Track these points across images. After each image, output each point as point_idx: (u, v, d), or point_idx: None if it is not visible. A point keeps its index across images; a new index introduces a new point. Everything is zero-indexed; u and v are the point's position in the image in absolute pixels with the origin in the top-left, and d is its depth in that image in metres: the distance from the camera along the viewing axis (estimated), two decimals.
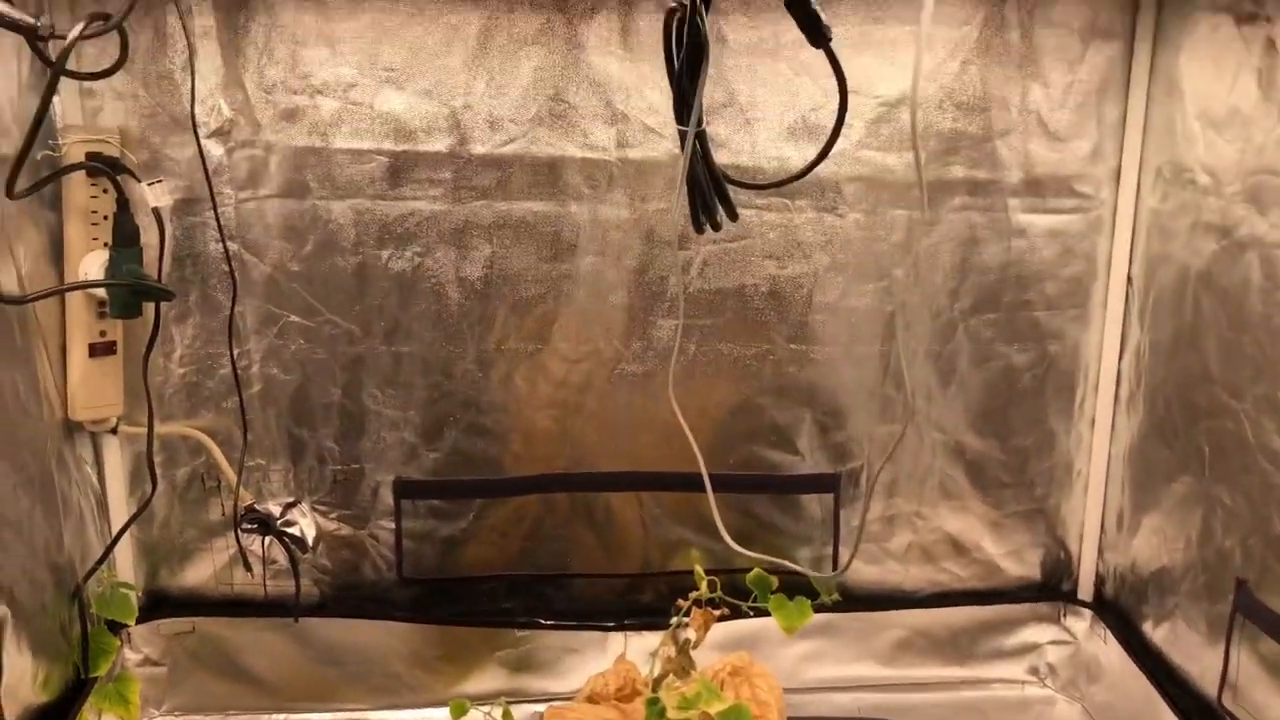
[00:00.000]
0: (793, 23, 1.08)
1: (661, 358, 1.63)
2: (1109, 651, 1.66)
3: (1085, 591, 1.75)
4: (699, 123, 1.06)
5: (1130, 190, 1.59)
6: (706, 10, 1.03)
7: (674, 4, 1.06)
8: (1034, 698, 1.76)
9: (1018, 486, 1.72)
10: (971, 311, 1.63)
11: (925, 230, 1.59)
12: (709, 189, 1.08)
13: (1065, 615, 1.75)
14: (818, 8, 1.04)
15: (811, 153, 1.54)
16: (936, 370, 1.66)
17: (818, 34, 1.05)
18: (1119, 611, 1.67)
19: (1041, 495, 1.72)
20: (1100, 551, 1.73)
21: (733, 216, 1.12)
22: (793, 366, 1.65)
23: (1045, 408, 1.68)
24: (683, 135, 1.07)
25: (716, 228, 1.11)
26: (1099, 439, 1.69)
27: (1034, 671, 1.77)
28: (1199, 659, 1.45)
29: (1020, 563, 1.75)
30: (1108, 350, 1.65)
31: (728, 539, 1.39)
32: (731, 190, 1.48)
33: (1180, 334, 1.48)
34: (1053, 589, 1.77)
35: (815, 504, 1.71)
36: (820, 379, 1.66)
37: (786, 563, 1.47)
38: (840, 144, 1.53)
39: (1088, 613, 1.73)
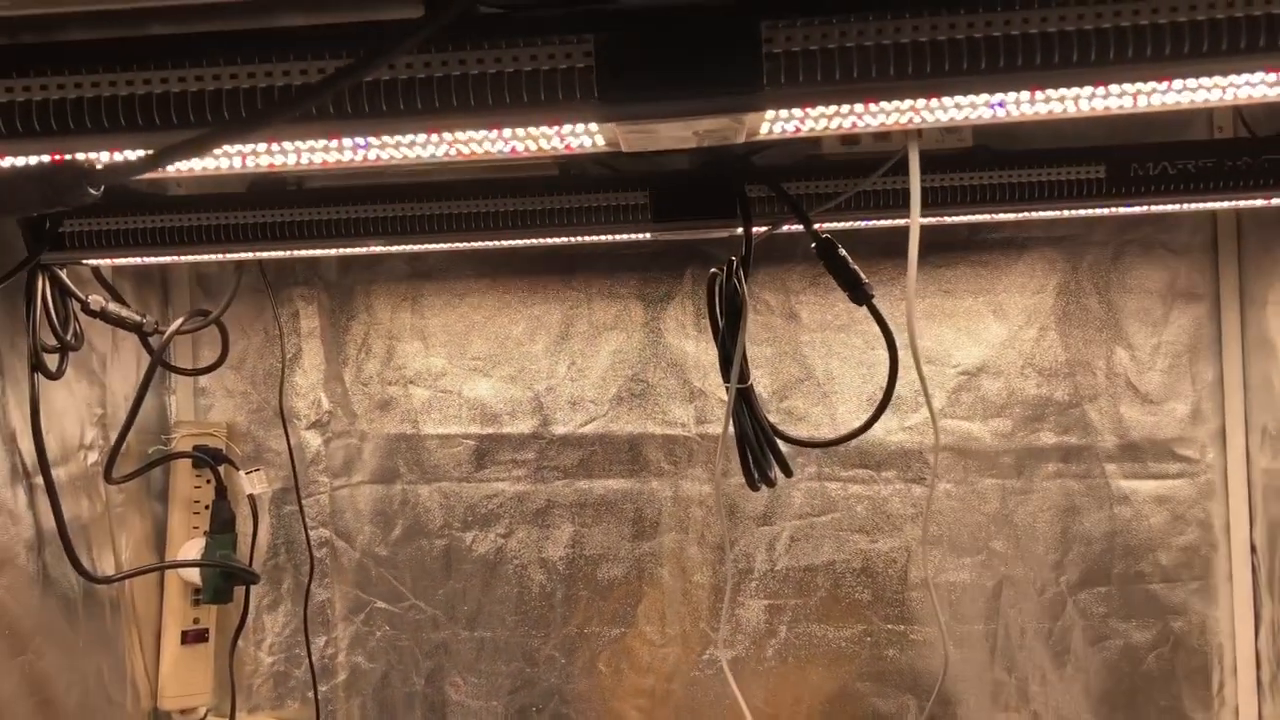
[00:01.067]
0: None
1: (753, 641, 1.57)
2: None
3: None
4: (742, 379, 1.07)
5: (1239, 451, 1.50)
6: (745, 273, 1.07)
7: (715, 269, 1.10)
8: None
9: None
10: (1080, 585, 1.53)
11: (1019, 499, 1.52)
12: (759, 444, 1.07)
13: None
14: (857, 268, 1.07)
15: (893, 423, 1.55)
16: (1049, 650, 1.54)
17: (859, 292, 1.06)
18: None
19: None
20: None
21: (787, 472, 1.10)
22: (892, 649, 1.56)
23: (1178, 693, 1.52)
24: (729, 391, 1.07)
25: (771, 484, 1.09)
26: None
27: None
28: None
29: None
30: (1241, 627, 1.51)
31: None
32: (809, 460, 1.47)
33: None
34: None
35: None
36: (922, 662, 1.55)
37: None
38: (923, 413, 1.54)
39: None
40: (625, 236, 1.23)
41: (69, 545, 1.22)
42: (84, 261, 1.20)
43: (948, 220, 1.24)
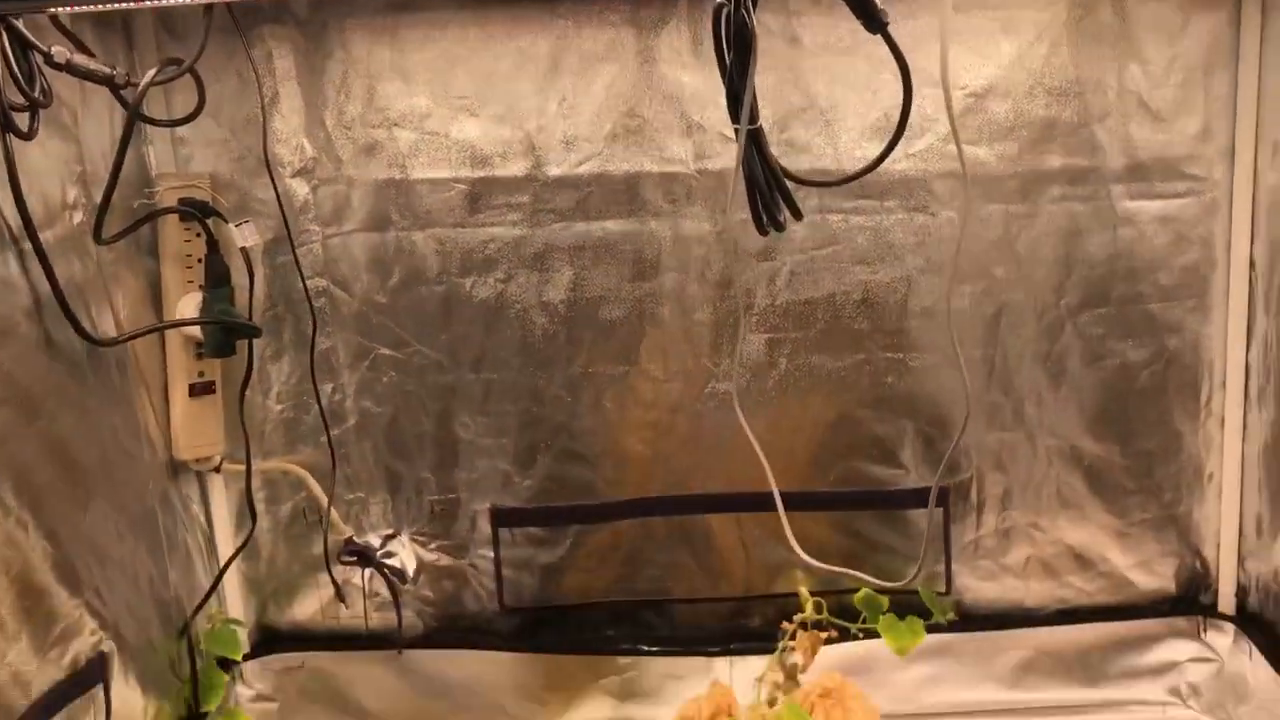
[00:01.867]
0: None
1: (754, 374, 1.59)
2: (1257, 669, 1.53)
3: (1226, 604, 1.62)
4: (752, 119, 1.02)
5: (1246, 168, 1.48)
6: (754, 4, 1.00)
7: (720, 0, 1.03)
8: None
9: (1143, 493, 1.60)
10: (1080, 308, 1.54)
11: (1023, 224, 1.51)
12: (769, 187, 1.04)
13: (1205, 630, 1.62)
14: None
15: (897, 151, 1.50)
16: (1046, 372, 1.57)
17: (873, 19, 1.00)
18: (1265, 624, 1.54)
19: (1170, 501, 1.60)
20: (1240, 560, 1.60)
21: (797, 215, 1.07)
22: (890, 376, 1.59)
23: (1168, 407, 1.57)
24: (738, 134, 1.03)
25: (780, 228, 1.07)
26: (1230, 439, 1.57)
27: (1174, 692, 1.64)
28: None
29: (1151, 575, 1.63)
30: (1233, 342, 1.54)
31: (802, 554, 1.33)
32: (811, 193, 1.44)
33: None
34: (1189, 602, 1.64)
35: (924, 520, 1.63)
36: (920, 388, 1.59)
37: (871, 578, 1.40)
38: (928, 139, 1.50)
39: (1230, 627, 1.60)
40: None
41: (67, 308, 1.20)
42: (41, 9, 1.12)
43: None
